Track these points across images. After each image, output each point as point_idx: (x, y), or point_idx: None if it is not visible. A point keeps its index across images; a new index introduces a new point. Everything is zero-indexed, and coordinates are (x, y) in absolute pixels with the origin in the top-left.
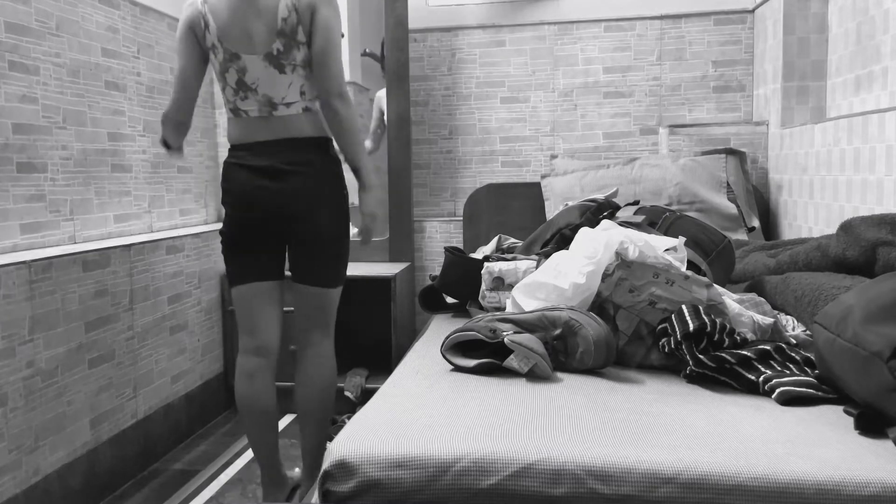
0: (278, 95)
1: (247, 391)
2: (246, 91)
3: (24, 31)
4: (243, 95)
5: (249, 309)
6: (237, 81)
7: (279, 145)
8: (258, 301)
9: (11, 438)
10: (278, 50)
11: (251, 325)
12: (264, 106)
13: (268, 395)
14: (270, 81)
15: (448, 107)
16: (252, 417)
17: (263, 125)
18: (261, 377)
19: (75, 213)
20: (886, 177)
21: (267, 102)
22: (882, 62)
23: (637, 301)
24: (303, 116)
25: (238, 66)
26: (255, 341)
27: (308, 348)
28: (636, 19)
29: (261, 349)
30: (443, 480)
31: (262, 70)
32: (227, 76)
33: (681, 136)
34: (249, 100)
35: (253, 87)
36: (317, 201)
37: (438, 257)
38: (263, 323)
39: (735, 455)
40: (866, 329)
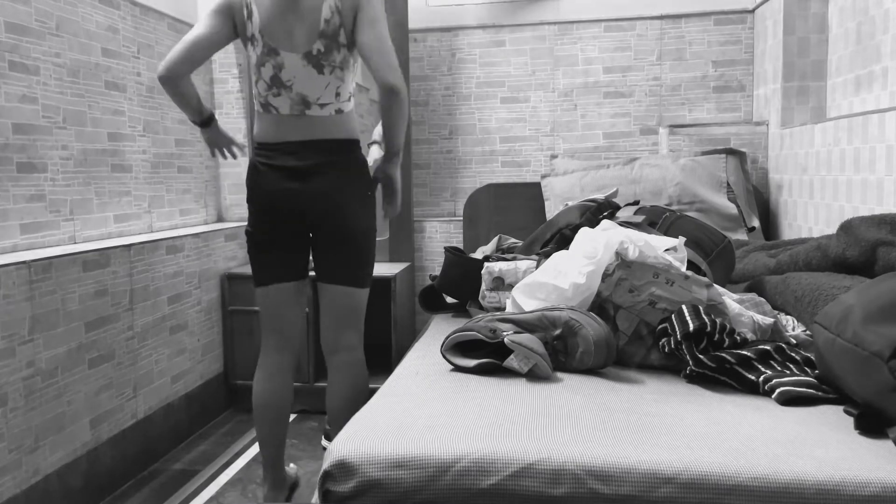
0: (313, 95)
1: (267, 388)
2: (280, 87)
3: (24, 31)
4: (276, 92)
5: (275, 309)
6: (272, 77)
7: (309, 146)
8: (283, 301)
9: (11, 438)
10: (319, 50)
11: (277, 324)
12: (297, 104)
13: (286, 393)
14: (307, 80)
15: (448, 107)
16: (267, 415)
17: (294, 124)
18: (282, 376)
19: (75, 213)
20: (886, 177)
21: (300, 101)
22: (882, 62)
23: (637, 301)
24: (335, 118)
25: (275, 62)
26: (280, 340)
27: (340, 353)
28: (636, 19)
29: (285, 348)
30: (443, 480)
31: (300, 68)
32: (262, 70)
33: (681, 136)
34: (282, 97)
35: (288, 85)
36: (343, 201)
37: (438, 257)
38: (288, 322)
39: (735, 455)
40: (866, 329)
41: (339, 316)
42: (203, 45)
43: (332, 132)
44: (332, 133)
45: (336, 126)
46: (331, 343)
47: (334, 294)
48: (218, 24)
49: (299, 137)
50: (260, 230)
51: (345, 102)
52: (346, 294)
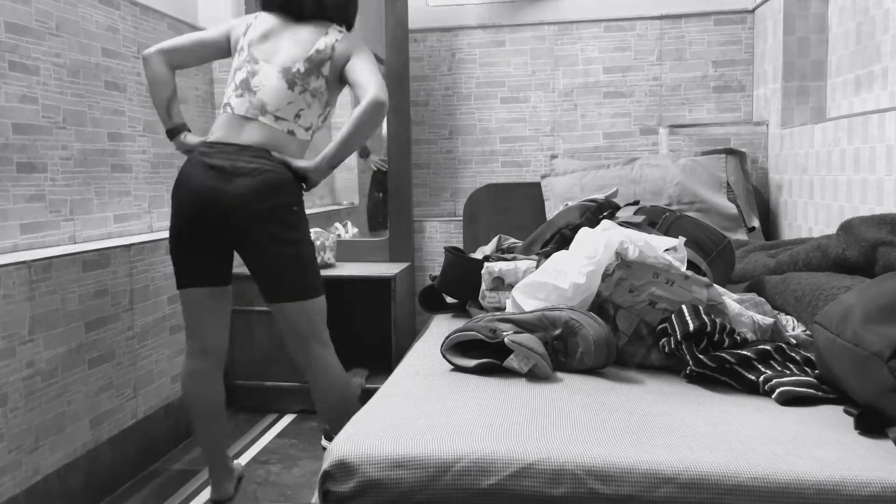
0: (273, 105)
1: (192, 391)
2: (245, 90)
3: (24, 31)
4: (240, 93)
5: (194, 312)
6: (242, 80)
7: (246, 151)
8: (201, 306)
9: (11, 438)
10: (298, 70)
11: (196, 328)
12: (253, 108)
13: (214, 394)
14: (274, 91)
15: (448, 107)
16: (198, 415)
17: (242, 126)
18: (206, 378)
19: (75, 213)
20: (886, 177)
21: (259, 106)
22: (882, 62)
23: (637, 301)
24: (285, 136)
25: (251, 69)
26: (201, 345)
27: (311, 364)
28: (636, 19)
29: (206, 353)
30: (443, 480)
31: (272, 79)
32: (237, 73)
33: (681, 136)
34: (243, 98)
35: (254, 90)
36: (264, 210)
37: (438, 257)
38: (208, 327)
39: (735, 455)
40: (866, 329)
41: (295, 331)
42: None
43: (275, 146)
44: (276, 147)
45: (282, 143)
46: (299, 358)
47: (282, 312)
48: (214, 34)
49: (242, 141)
50: (178, 231)
51: (299, 128)
52: (294, 309)
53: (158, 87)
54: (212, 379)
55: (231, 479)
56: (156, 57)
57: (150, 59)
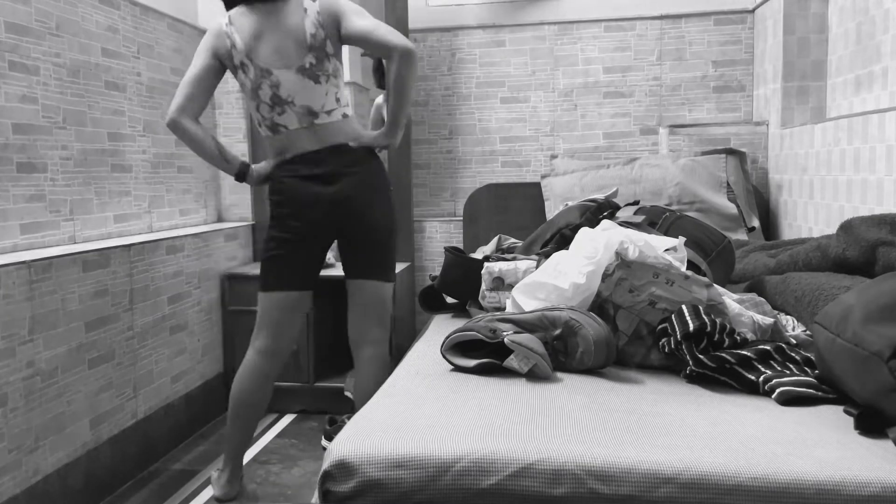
0: (317, 104)
1: (249, 387)
2: (283, 105)
3: (24, 31)
4: (280, 110)
5: (276, 315)
6: (272, 97)
7: (328, 152)
8: (286, 309)
9: (11, 438)
10: (311, 63)
11: (273, 330)
12: (304, 116)
13: (266, 394)
14: (306, 92)
15: (448, 107)
16: (244, 412)
17: (307, 135)
18: (266, 377)
19: (75, 213)
20: (886, 177)
21: (307, 113)
22: (882, 62)
23: (637, 301)
24: (343, 122)
25: (271, 81)
26: (274, 346)
27: (367, 346)
28: (636, 19)
29: (276, 354)
30: (443, 480)
31: (296, 83)
32: (260, 93)
33: (681, 136)
34: (288, 113)
35: (289, 100)
36: (370, 199)
37: (438, 257)
38: (285, 331)
39: (735, 455)
40: (866, 329)
41: (367, 310)
42: (194, 83)
43: (346, 135)
44: (347, 136)
45: (347, 130)
46: (358, 338)
47: (363, 289)
48: (203, 62)
49: (315, 147)
50: (284, 236)
51: (346, 107)
52: (374, 288)
53: (203, 145)
54: (270, 379)
55: (238, 479)
56: (182, 119)
57: (179, 123)
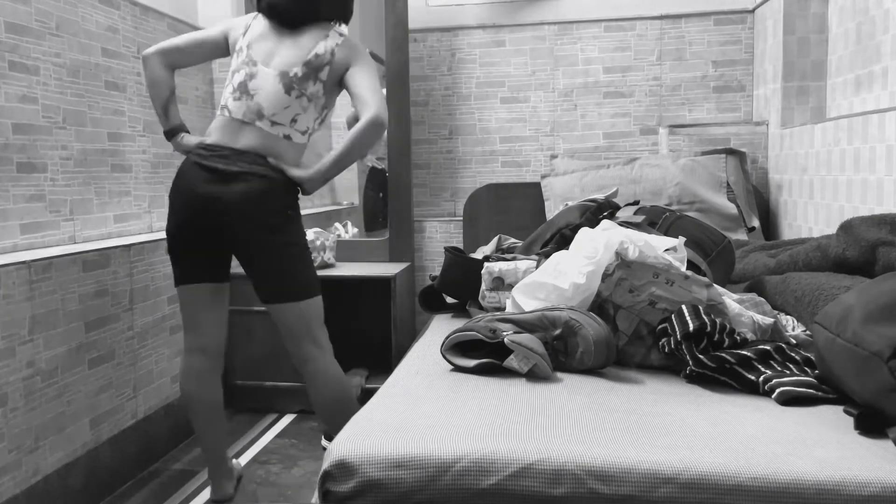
0: (269, 109)
1: (192, 389)
2: (242, 93)
3: (24, 31)
4: (237, 96)
5: (191, 309)
6: (240, 83)
7: (243, 155)
8: (199, 302)
9: (11, 438)
10: (296, 74)
11: (193, 325)
12: (250, 112)
13: (213, 391)
14: (271, 95)
15: (448, 107)
16: (198, 414)
17: (238, 130)
18: (206, 375)
19: (75, 213)
20: (886, 177)
21: (255, 111)
22: (882, 62)
23: (637, 301)
24: (281, 141)
25: (249, 71)
26: (199, 341)
27: (306, 364)
28: (636, 19)
29: (204, 350)
30: (443, 480)
31: (269, 82)
32: (235, 76)
33: (681, 136)
34: (241, 101)
35: (251, 93)
36: (264, 210)
37: (438, 257)
38: (205, 324)
39: (735, 455)
40: (866, 329)
41: (290, 332)
42: (189, 40)
43: (272, 151)
44: (272, 153)
45: (278, 148)
46: (294, 358)
47: (277, 313)
48: (211, 32)
49: (239, 145)
50: (176, 230)
51: (296, 132)
52: (285, 311)
53: (157, 88)
54: (210, 377)
55: (231, 479)
56: (154, 58)
57: (149, 59)
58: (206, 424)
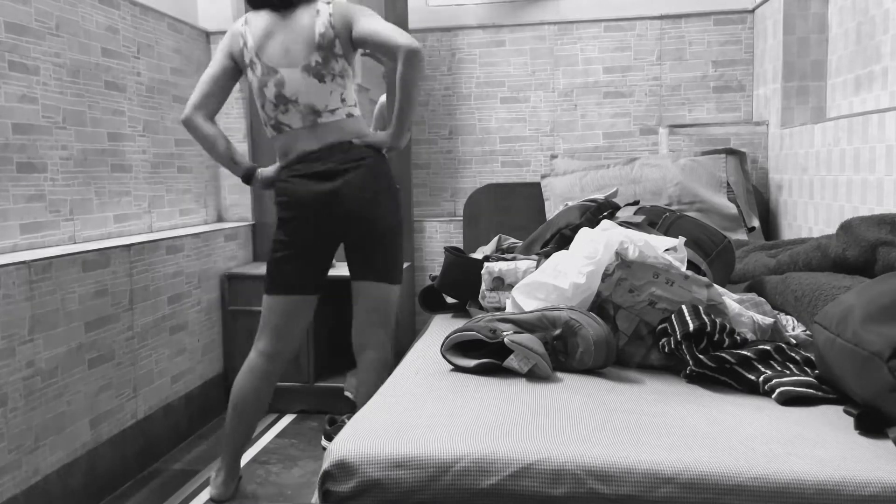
0: (321, 103)
1: (250, 388)
2: (286, 104)
3: (24, 31)
4: (284, 109)
5: (282, 318)
6: (276, 95)
7: (331, 150)
8: (292, 312)
9: (11, 438)
10: (317, 62)
11: (278, 333)
12: (307, 116)
13: (267, 396)
14: (311, 91)
15: (448, 107)
16: (245, 412)
17: (308, 134)
18: (267, 379)
19: (75, 213)
20: (886, 177)
21: (310, 111)
22: (882, 62)
23: (637, 301)
24: (348, 122)
25: (276, 80)
26: (276, 348)
27: (370, 350)
28: (636, 19)
29: (278, 356)
30: (443, 480)
31: (301, 81)
32: (265, 91)
33: (681, 136)
34: (291, 112)
35: (293, 99)
36: (371, 197)
37: (438, 257)
38: (290, 334)
39: (735, 455)
40: (866, 329)
41: (370, 313)
42: (210, 82)
43: (350, 133)
44: (351, 134)
45: (351, 129)
46: (361, 340)
47: (367, 291)
48: (219, 63)
49: (319, 145)
50: (287, 238)
51: (352, 107)
52: (378, 290)
53: (215, 143)
54: (270, 381)
55: (234, 480)
56: (196, 117)
57: (193, 121)
58: (244, 424)
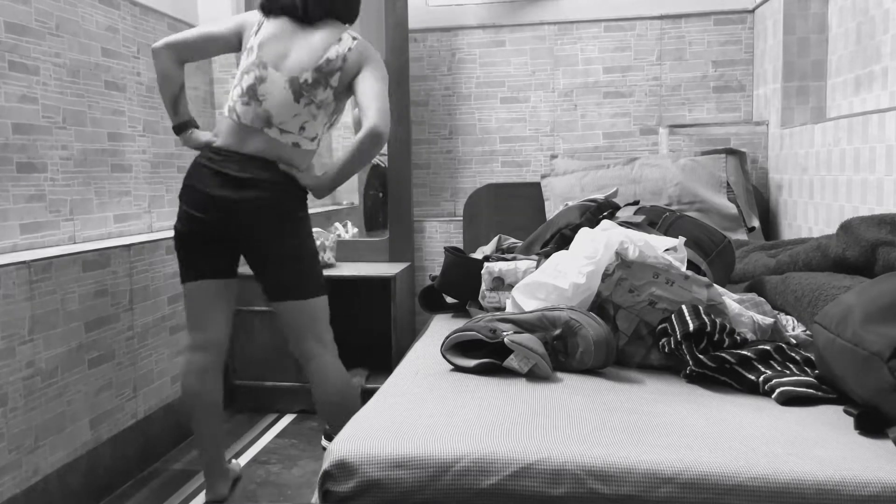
0: (278, 117)
1: (193, 387)
2: (251, 98)
3: (24, 31)
4: (246, 101)
5: (198, 306)
6: (249, 86)
7: (254, 161)
8: (206, 299)
9: (11, 438)
10: (306, 80)
11: (199, 323)
12: (259, 119)
13: (214, 390)
14: (280, 102)
15: (448, 107)
16: (197, 412)
17: (248, 136)
18: (207, 374)
19: (75, 213)
20: (886, 177)
21: (264, 118)
22: (882, 62)
23: (637, 301)
24: (290, 149)
25: (258, 75)
26: (202, 339)
27: (310, 362)
28: (636, 19)
29: (208, 347)
30: (443, 480)
31: (279, 88)
32: (244, 77)
33: (681, 136)
34: (249, 107)
35: (260, 99)
36: (275, 214)
37: (438, 257)
38: (211, 321)
39: (735, 455)
40: (866, 329)
41: (296, 330)
42: (201, 35)
43: (281, 158)
44: (281, 159)
45: (287, 155)
46: (298, 355)
47: (284, 311)
48: (223, 27)
49: (248, 151)
50: (186, 229)
51: (305, 139)
52: (291, 308)
53: (167, 82)
54: (212, 375)
55: (226, 480)
56: (164, 51)
57: (160, 53)
58: (204, 424)
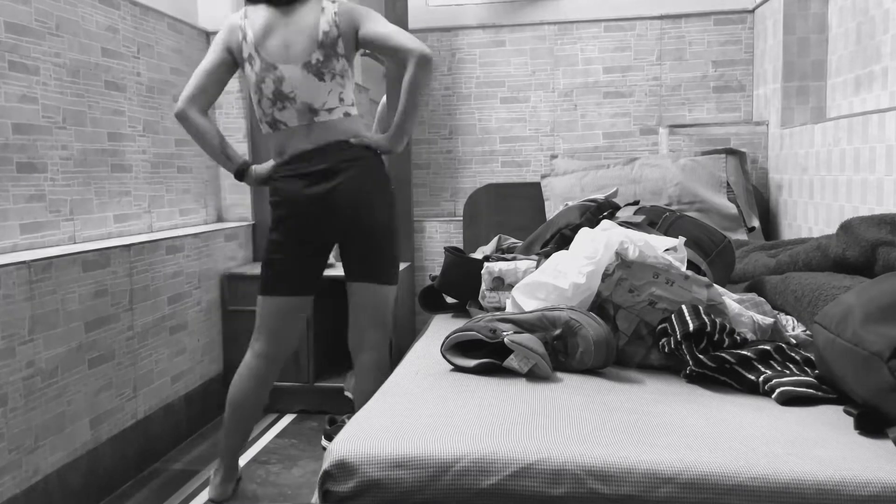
0: (318, 101)
1: (246, 389)
2: (284, 101)
3: (24, 31)
4: (281, 106)
5: (276, 320)
6: (274, 91)
7: (325, 150)
8: (287, 314)
9: (11, 438)
10: (318, 60)
11: (273, 334)
12: (304, 114)
13: (263, 396)
14: (309, 89)
15: (448, 107)
16: (240, 414)
17: (304, 132)
18: (263, 380)
19: (75, 213)
20: (886, 177)
21: (307, 110)
22: (882, 62)
23: (637, 301)
24: (345, 121)
25: (275, 76)
26: (273, 349)
27: (367, 352)
28: (636, 19)
29: (275, 357)
30: (443, 480)
31: (300, 78)
32: (262, 87)
33: (681, 136)
34: (288, 109)
35: (291, 96)
36: (366, 197)
37: (438, 257)
38: (285, 335)
39: (735, 455)
40: (866, 329)
41: (365, 314)
42: (205, 75)
43: (345, 132)
44: (346, 133)
45: (347, 128)
46: (357, 342)
47: (361, 292)
48: (215, 56)
49: (313, 144)
50: (281, 239)
51: (350, 107)
52: (372, 292)
53: (207, 138)
54: (267, 382)
55: (233, 480)
56: (190, 110)
57: (185, 114)
58: (242, 425)
